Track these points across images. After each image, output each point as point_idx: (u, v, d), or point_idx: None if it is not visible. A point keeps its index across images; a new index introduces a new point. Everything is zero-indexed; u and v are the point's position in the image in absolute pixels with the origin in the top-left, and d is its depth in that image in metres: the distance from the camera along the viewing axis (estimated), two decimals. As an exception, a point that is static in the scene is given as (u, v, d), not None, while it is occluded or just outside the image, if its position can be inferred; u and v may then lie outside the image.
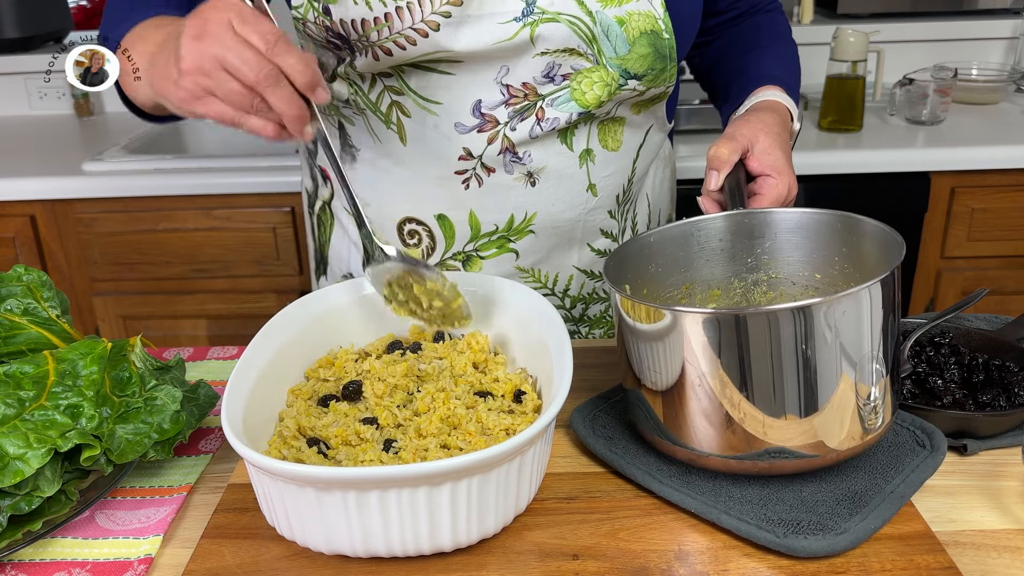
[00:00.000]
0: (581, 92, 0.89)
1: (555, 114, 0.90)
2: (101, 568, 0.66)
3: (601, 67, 0.88)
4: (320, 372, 0.82)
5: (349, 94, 0.93)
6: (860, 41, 1.86)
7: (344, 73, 0.91)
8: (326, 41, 0.89)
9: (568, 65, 0.88)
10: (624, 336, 0.72)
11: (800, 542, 0.64)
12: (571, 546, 0.67)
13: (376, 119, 0.94)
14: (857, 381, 0.66)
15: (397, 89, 0.90)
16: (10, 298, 0.81)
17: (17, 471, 0.65)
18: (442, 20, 0.83)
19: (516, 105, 0.90)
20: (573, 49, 0.87)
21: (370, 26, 0.84)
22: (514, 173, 0.94)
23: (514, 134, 0.91)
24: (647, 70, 0.89)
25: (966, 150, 1.78)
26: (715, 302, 0.84)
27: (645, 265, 0.81)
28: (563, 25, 0.85)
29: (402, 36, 0.84)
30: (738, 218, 0.82)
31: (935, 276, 1.89)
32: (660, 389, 0.70)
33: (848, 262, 0.78)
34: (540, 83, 0.89)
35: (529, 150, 0.93)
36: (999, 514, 0.69)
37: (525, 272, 1.02)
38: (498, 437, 0.71)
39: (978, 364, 0.84)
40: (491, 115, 0.90)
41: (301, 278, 1.88)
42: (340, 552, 0.65)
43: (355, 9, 0.84)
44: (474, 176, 0.94)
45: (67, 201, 1.81)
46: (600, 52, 0.87)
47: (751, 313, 0.64)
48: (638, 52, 0.88)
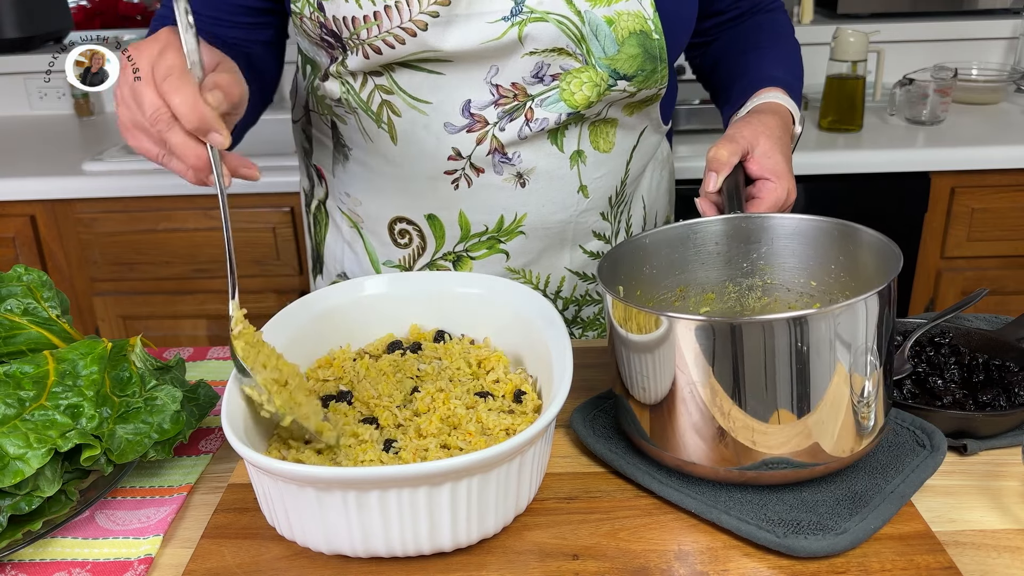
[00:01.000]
0: (570, 92, 0.89)
1: (544, 114, 0.90)
2: (101, 568, 0.66)
3: (590, 67, 0.88)
4: (319, 372, 0.82)
5: (341, 93, 0.93)
6: (860, 41, 1.86)
7: (336, 72, 0.92)
8: (320, 38, 0.89)
9: (557, 65, 0.88)
10: (614, 338, 0.73)
11: (800, 542, 0.64)
12: (571, 546, 0.67)
13: (367, 118, 0.94)
14: (852, 392, 0.66)
15: (387, 88, 0.90)
16: (10, 298, 0.81)
17: (17, 471, 0.65)
18: (430, 19, 0.83)
19: (505, 105, 0.90)
20: (562, 49, 0.87)
21: (360, 23, 0.84)
22: (503, 174, 0.94)
23: (503, 134, 0.91)
24: (637, 71, 0.89)
25: (966, 150, 1.78)
26: (709, 306, 0.84)
27: (640, 267, 0.81)
28: (551, 25, 0.85)
29: (390, 35, 0.84)
30: (735, 222, 0.82)
31: (935, 276, 1.89)
32: (649, 401, 0.70)
33: (844, 270, 0.78)
34: (529, 83, 0.89)
35: (519, 151, 0.92)
36: (999, 514, 0.69)
37: (516, 273, 1.01)
38: (498, 437, 0.71)
39: (978, 364, 0.84)
40: (480, 115, 0.90)
41: (301, 278, 1.88)
42: (340, 552, 0.65)
43: (346, 6, 0.84)
44: (463, 176, 0.94)
45: (67, 201, 1.82)
46: (589, 52, 0.87)
47: (746, 322, 0.64)
48: (627, 52, 0.88)
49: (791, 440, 0.66)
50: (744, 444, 0.67)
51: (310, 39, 0.92)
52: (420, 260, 1.02)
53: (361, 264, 1.07)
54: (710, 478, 0.70)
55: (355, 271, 1.08)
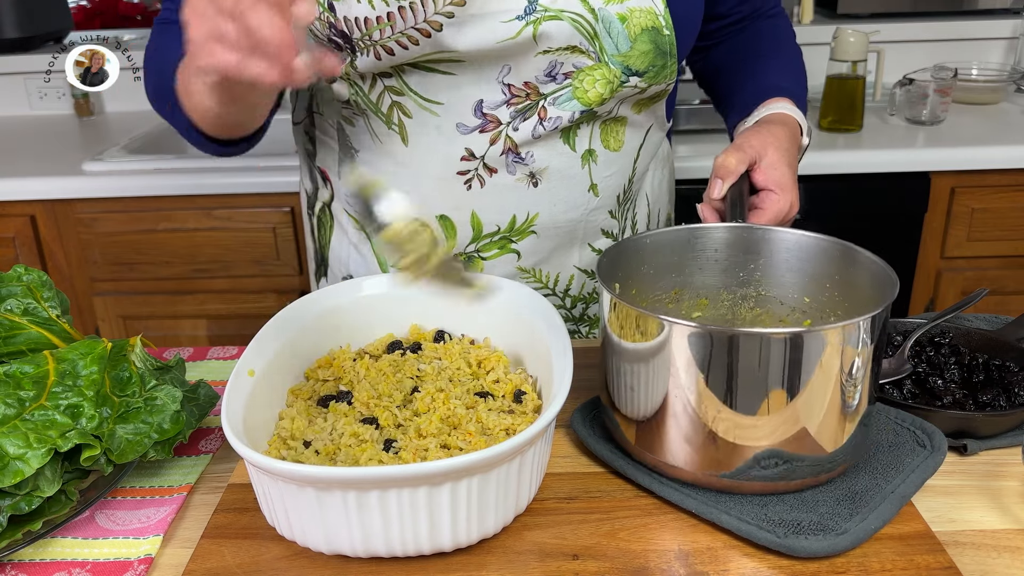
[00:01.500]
0: (583, 90, 0.89)
1: (558, 113, 0.90)
2: (101, 568, 0.66)
3: (603, 64, 0.88)
4: (319, 372, 0.82)
5: (350, 95, 0.93)
6: (860, 41, 1.86)
7: (345, 73, 0.91)
8: (328, 39, 0.89)
9: (570, 63, 0.88)
10: (606, 333, 0.73)
11: (800, 542, 0.64)
12: (571, 546, 0.67)
13: (377, 120, 0.94)
14: (841, 409, 0.67)
15: (397, 90, 0.90)
16: (10, 298, 0.81)
17: (17, 471, 0.65)
18: (445, 20, 0.83)
19: (518, 105, 0.90)
20: (575, 47, 0.87)
21: (372, 25, 0.84)
22: (516, 174, 0.94)
23: (516, 134, 0.91)
24: (648, 67, 0.89)
25: (966, 150, 1.78)
26: (702, 311, 0.85)
27: (638, 266, 0.82)
28: (565, 23, 0.85)
29: (404, 36, 0.84)
30: (738, 231, 0.82)
31: (935, 276, 1.89)
32: (639, 415, 0.71)
33: (839, 290, 0.78)
34: (542, 82, 0.89)
35: (532, 150, 0.93)
36: (999, 514, 0.69)
37: (526, 272, 1.02)
38: (498, 437, 0.72)
39: (978, 364, 0.84)
40: (493, 115, 0.90)
41: (301, 278, 1.88)
42: (340, 552, 0.65)
43: (358, 7, 0.84)
44: (476, 177, 0.94)
45: (67, 201, 1.81)
46: (602, 49, 0.87)
47: (743, 333, 0.64)
48: (639, 49, 0.88)
49: (778, 429, 0.66)
50: (734, 441, 0.67)
51: (317, 40, 0.91)
52: None
53: (368, 267, 1.07)
54: (702, 484, 0.71)
55: (362, 274, 1.07)
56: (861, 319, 0.64)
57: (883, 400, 0.80)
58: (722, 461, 0.68)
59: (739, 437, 0.67)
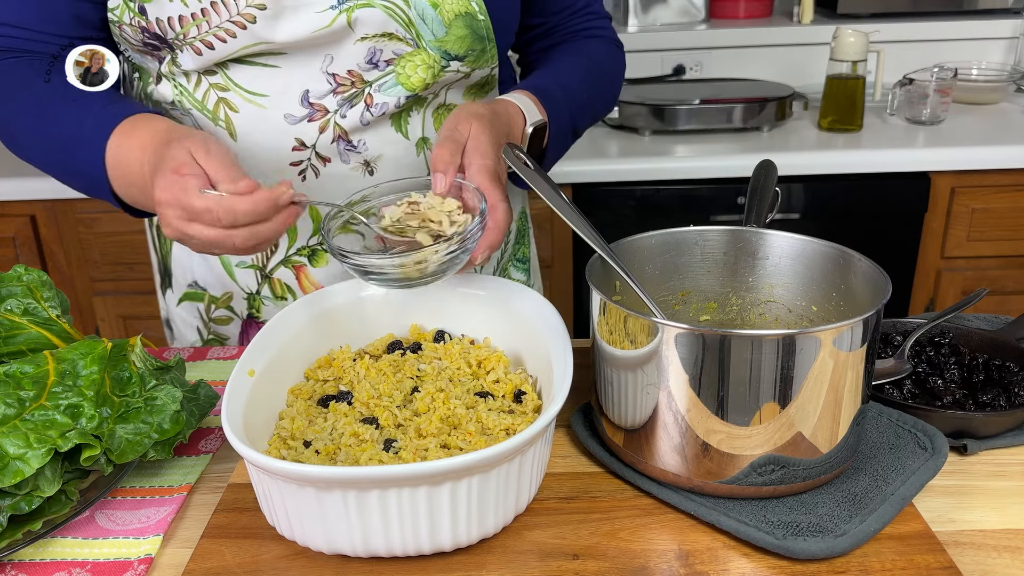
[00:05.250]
0: (406, 76, 0.90)
1: (384, 99, 0.91)
2: (101, 568, 0.66)
3: (422, 50, 0.90)
4: (319, 372, 0.82)
5: (174, 96, 0.92)
6: (860, 41, 1.87)
7: (169, 72, 0.91)
8: (143, 43, 0.89)
9: (390, 50, 0.89)
10: (595, 339, 0.73)
11: (799, 544, 0.64)
12: (571, 546, 0.67)
13: (203, 117, 0.93)
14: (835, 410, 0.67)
15: (222, 86, 0.91)
16: (10, 298, 0.81)
17: (17, 471, 0.65)
18: (258, 12, 0.84)
19: (344, 93, 0.90)
20: (392, 34, 0.88)
21: (188, 22, 0.85)
22: (351, 162, 0.94)
23: (344, 121, 0.91)
24: (467, 51, 0.92)
25: (966, 150, 1.78)
26: (710, 314, 0.85)
27: (642, 266, 0.82)
28: (378, 10, 0.86)
29: (220, 30, 0.85)
30: (737, 234, 0.82)
31: (935, 276, 1.89)
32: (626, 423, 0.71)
33: (844, 299, 0.78)
34: (365, 69, 0.90)
35: (363, 138, 0.93)
36: (999, 514, 0.69)
37: None
38: (498, 437, 0.72)
39: (978, 364, 0.84)
40: (320, 104, 0.91)
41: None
42: (340, 552, 0.65)
43: (170, 7, 0.84)
44: (310, 167, 0.94)
45: (67, 201, 1.81)
46: (419, 36, 0.89)
47: (735, 335, 0.64)
48: (455, 34, 0.90)
49: (775, 434, 0.66)
50: (728, 450, 0.67)
51: (132, 46, 0.91)
52: (274, 258, 1.01)
53: (214, 271, 1.04)
54: (672, 483, 0.71)
55: (208, 279, 1.05)
56: (853, 321, 0.64)
57: (883, 400, 0.80)
58: (714, 471, 0.68)
59: (735, 448, 0.67)
